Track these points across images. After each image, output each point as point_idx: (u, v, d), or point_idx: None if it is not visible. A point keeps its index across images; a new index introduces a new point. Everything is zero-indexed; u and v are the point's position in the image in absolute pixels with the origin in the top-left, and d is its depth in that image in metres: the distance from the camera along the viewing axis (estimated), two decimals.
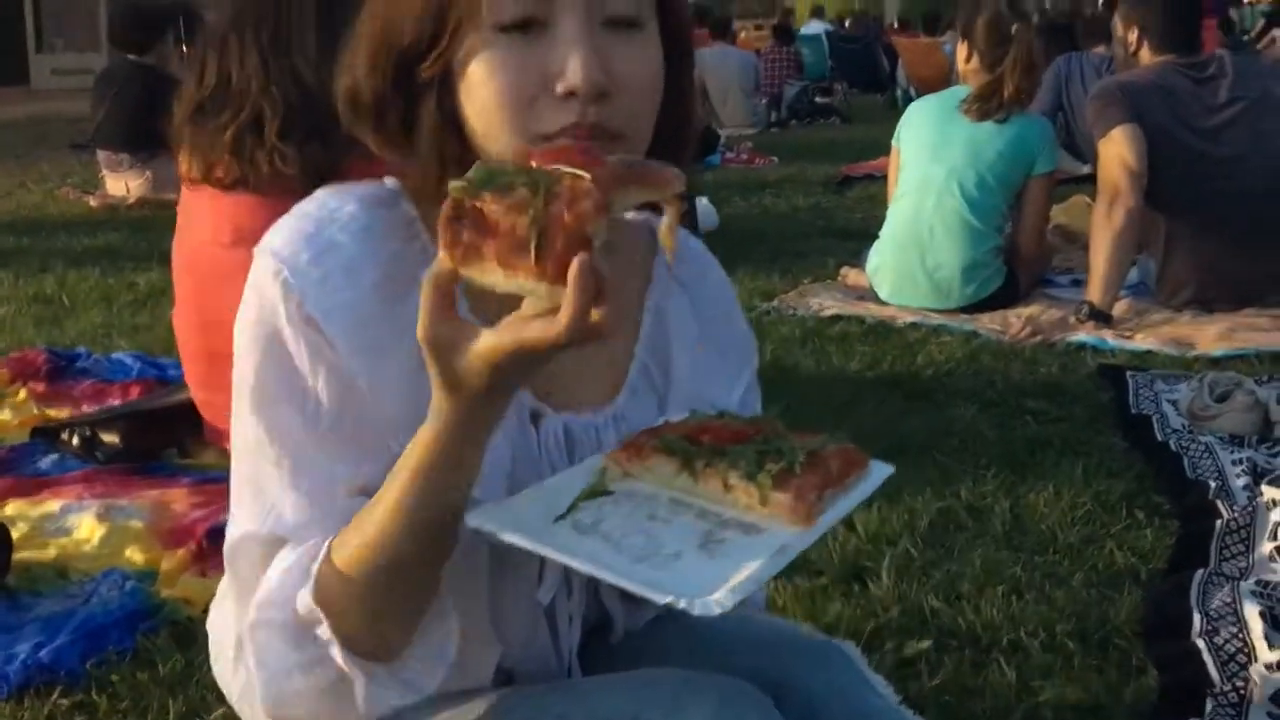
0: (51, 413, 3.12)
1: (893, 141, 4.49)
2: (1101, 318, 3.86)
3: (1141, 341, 3.75)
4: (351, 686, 0.94)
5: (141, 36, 6.84)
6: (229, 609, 1.05)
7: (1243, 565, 2.16)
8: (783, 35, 14.24)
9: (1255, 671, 1.75)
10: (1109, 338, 3.77)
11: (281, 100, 2.33)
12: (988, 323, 4.02)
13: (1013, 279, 4.20)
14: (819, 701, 1.01)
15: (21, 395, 3.24)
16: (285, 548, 0.95)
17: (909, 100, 6.36)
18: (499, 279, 0.78)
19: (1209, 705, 1.71)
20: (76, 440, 2.79)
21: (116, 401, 3.16)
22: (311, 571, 0.92)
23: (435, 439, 0.85)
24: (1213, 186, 3.96)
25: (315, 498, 0.95)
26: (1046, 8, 19.08)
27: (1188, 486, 2.55)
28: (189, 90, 2.44)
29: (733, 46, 12.36)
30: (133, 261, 5.24)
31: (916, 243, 4.18)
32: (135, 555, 2.26)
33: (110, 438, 2.76)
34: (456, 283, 0.80)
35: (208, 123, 2.38)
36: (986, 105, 4.13)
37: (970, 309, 4.14)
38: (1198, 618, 1.92)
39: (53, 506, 2.48)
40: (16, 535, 2.26)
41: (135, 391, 3.22)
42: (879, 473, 0.96)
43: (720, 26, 12.34)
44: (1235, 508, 2.36)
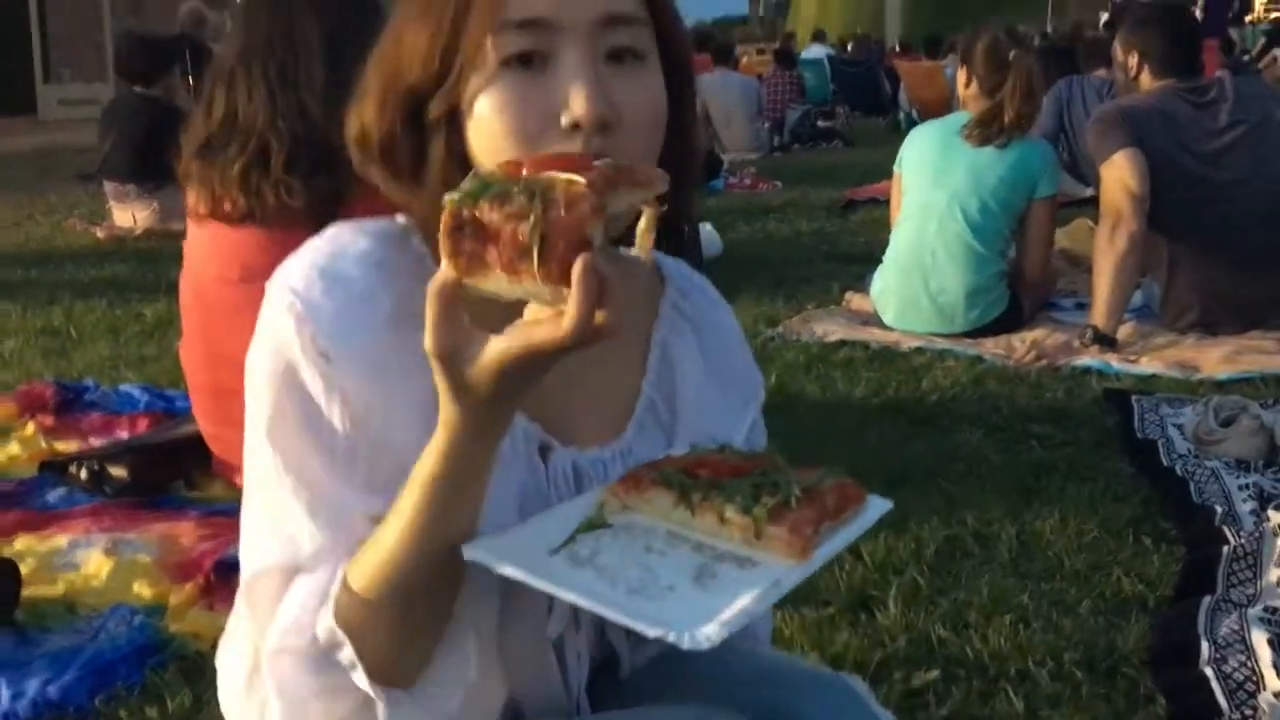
0: (60, 446, 3.13)
1: (895, 166, 4.50)
2: (1106, 341, 3.87)
3: (1146, 365, 3.75)
4: (372, 712, 0.93)
5: (147, 68, 6.88)
6: (240, 642, 1.05)
7: (1250, 592, 2.15)
8: (785, 60, 14.27)
9: (1264, 700, 1.75)
10: (1114, 361, 3.77)
11: (288, 133, 2.35)
12: (992, 347, 4.02)
13: (1017, 303, 4.21)
14: None
15: (30, 429, 3.25)
16: (302, 575, 0.95)
17: (911, 123, 6.38)
18: (504, 285, 0.78)
19: None
20: (85, 474, 2.81)
21: (124, 434, 3.17)
22: (330, 594, 0.92)
23: (446, 450, 0.85)
24: (1214, 211, 3.97)
25: (333, 527, 0.95)
26: (1048, 31, 19.12)
27: (1194, 512, 2.54)
28: (197, 124, 2.46)
29: (735, 72, 12.37)
30: (140, 292, 5.26)
31: (920, 267, 4.19)
32: (143, 590, 2.26)
33: (118, 471, 2.78)
34: (461, 292, 0.80)
35: (216, 157, 2.40)
36: (987, 131, 4.14)
37: (975, 333, 4.15)
38: (1206, 645, 1.92)
39: (60, 542, 2.49)
40: (25, 571, 2.26)
41: (143, 424, 3.23)
42: (876, 508, 0.96)
43: (722, 52, 12.36)
44: (1242, 533, 2.36)
